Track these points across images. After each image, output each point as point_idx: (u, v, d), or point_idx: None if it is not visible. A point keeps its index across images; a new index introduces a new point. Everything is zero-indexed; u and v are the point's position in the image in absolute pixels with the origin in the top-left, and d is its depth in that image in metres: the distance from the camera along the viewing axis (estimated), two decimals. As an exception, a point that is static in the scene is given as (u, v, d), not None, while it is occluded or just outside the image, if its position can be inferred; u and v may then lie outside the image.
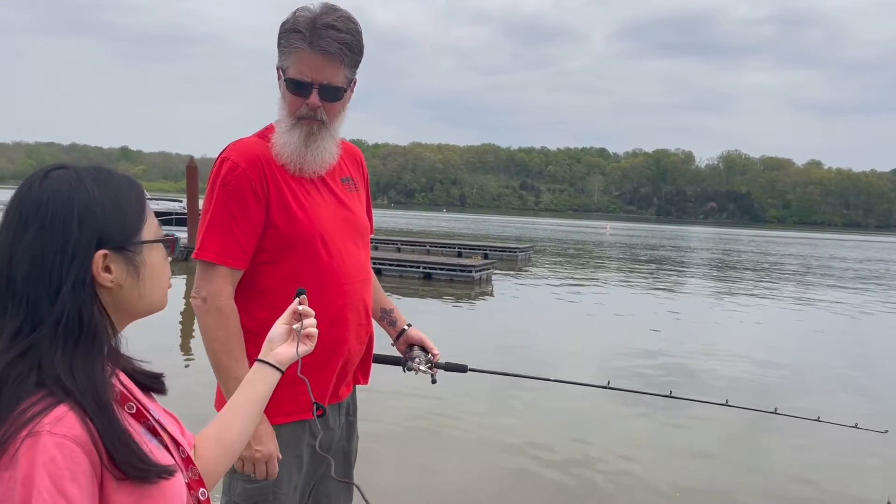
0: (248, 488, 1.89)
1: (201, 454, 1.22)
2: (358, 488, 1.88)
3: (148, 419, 1.04)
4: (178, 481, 1.02)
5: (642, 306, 15.35)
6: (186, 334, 10.37)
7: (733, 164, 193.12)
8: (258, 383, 1.28)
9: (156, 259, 1.07)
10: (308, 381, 1.81)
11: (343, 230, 1.97)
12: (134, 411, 1.02)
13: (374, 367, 2.21)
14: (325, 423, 2.00)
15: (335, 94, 1.87)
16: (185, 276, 17.41)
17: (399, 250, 24.92)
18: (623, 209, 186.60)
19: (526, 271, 22.77)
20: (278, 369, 1.30)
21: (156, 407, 1.13)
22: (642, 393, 2.81)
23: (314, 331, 1.34)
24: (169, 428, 1.10)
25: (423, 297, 15.38)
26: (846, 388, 8.84)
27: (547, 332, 11.64)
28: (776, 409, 2.59)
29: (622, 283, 20.40)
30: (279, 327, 1.33)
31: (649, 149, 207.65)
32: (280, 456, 1.84)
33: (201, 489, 1.12)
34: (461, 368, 2.23)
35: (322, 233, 1.90)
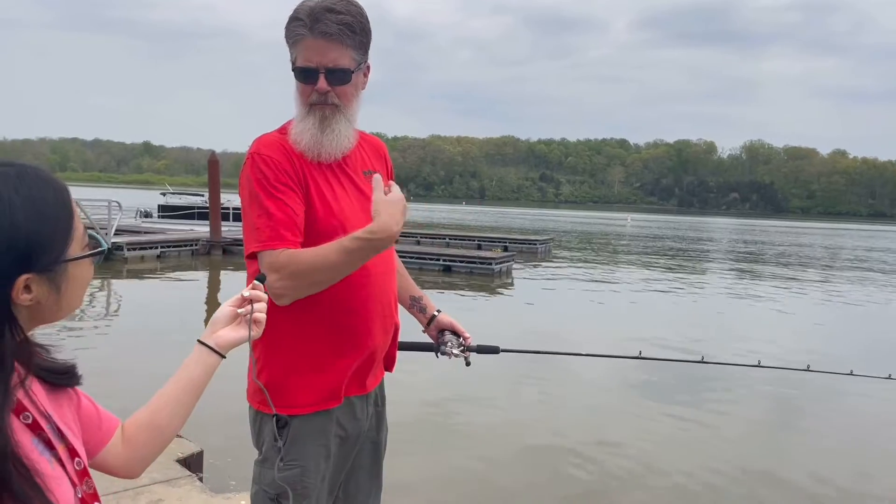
0: (276, 477, 1.90)
1: (130, 437, 1.18)
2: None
3: (44, 430, 0.99)
4: (65, 502, 0.97)
5: (664, 297, 15.24)
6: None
7: (756, 153, 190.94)
8: (194, 366, 1.22)
9: (81, 272, 1.03)
10: (266, 390, 1.82)
11: (365, 221, 1.94)
12: (30, 422, 0.98)
13: (400, 356, 2.21)
14: (353, 414, 2.00)
15: (343, 77, 1.86)
16: (207, 269, 17.62)
17: (419, 243, 24.94)
18: (644, 200, 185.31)
19: (546, 263, 22.69)
20: (218, 353, 1.24)
21: (56, 409, 1.07)
22: (674, 361, 2.80)
23: (262, 316, 1.27)
24: (67, 436, 1.04)
25: (443, 289, 15.38)
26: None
27: (568, 324, 11.59)
28: (808, 365, 2.59)
29: (644, 275, 20.25)
30: (225, 309, 1.26)
31: (670, 139, 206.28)
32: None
33: (95, 503, 1.06)
34: (493, 350, 2.25)
35: (344, 223, 1.90)
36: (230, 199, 25.47)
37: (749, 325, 12.74)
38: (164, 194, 35.87)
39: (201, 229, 22.23)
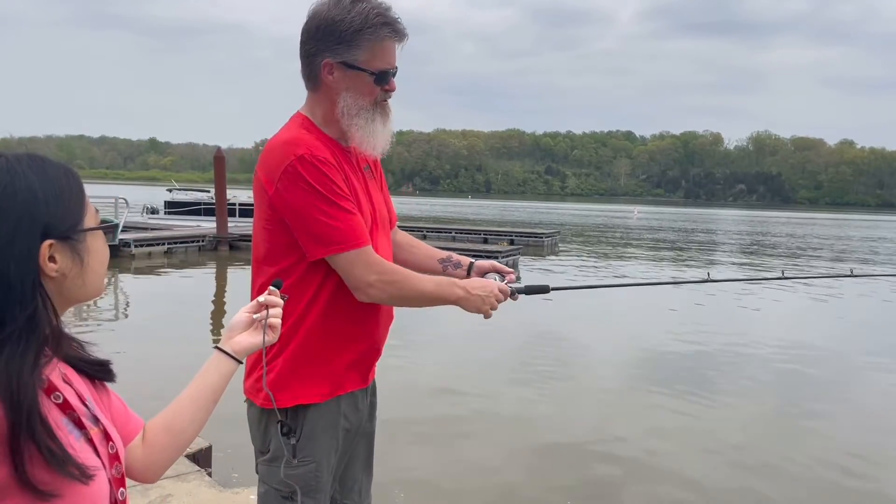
0: (290, 474, 1.90)
1: (149, 440, 1.21)
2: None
3: (75, 410, 1.03)
4: (99, 481, 1.01)
5: (672, 290, 15.19)
6: (217, 321, 10.50)
7: (763, 144, 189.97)
8: (213, 372, 1.25)
9: (98, 245, 1.08)
10: (273, 395, 1.84)
11: (374, 219, 2.02)
12: (60, 401, 1.01)
13: (398, 345, 2.21)
14: (355, 406, 2.03)
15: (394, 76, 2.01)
16: (214, 265, 17.66)
17: (425, 237, 24.93)
18: (650, 193, 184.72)
19: (552, 257, 22.66)
20: (235, 359, 1.27)
21: (95, 398, 1.12)
22: (748, 280, 2.74)
23: (277, 322, 1.30)
24: (102, 420, 1.09)
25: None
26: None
27: (576, 318, 11.57)
28: (852, 270, 2.64)
29: (651, 268, 20.20)
30: (241, 315, 1.30)
31: (677, 131, 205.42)
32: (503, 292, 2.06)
33: (121, 489, 1.10)
34: (543, 289, 2.26)
35: (364, 220, 1.94)
36: (236, 195, 25.53)
37: (759, 314, 12.70)
38: (170, 190, 35.92)
39: (208, 225, 22.26)
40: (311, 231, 1.83)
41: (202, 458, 4.24)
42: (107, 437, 1.08)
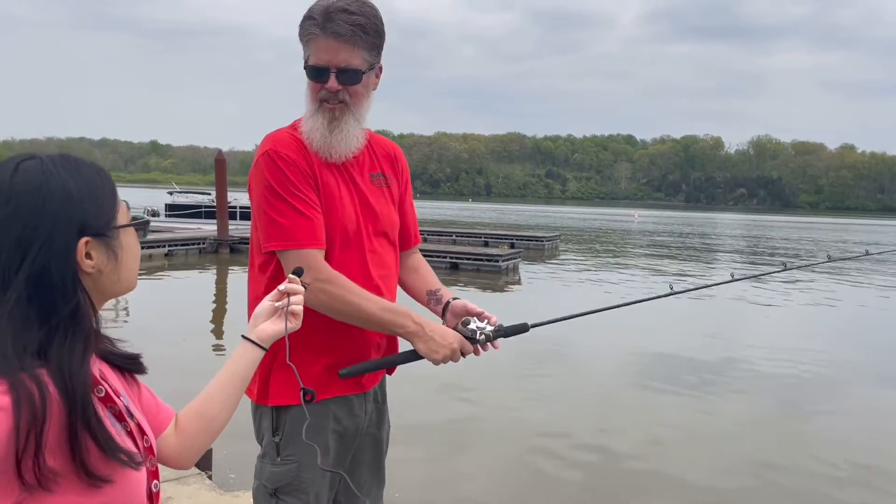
0: (274, 471, 1.92)
1: (182, 427, 1.26)
2: (343, 475, 1.94)
3: (116, 403, 1.08)
4: (141, 472, 1.06)
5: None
6: (217, 322, 10.50)
7: (763, 149, 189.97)
8: (239, 360, 1.30)
9: (130, 242, 1.12)
10: (295, 368, 1.75)
11: (364, 225, 1.98)
12: (102, 395, 1.06)
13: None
14: (350, 410, 2.01)
15: (353, 77, 1.87)
16: (214, 267, 17.67)
17: (425, 240, 24.88)
18: (651, 197, 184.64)
19: (553, 260, 22.66)
20: (261, 346, 1.31)
21: (126, 391, 1.17)
22: (706, 287, 2.62)
23: (299, 308, 1.34)
24: (136, 415, 1.13)
25: (450, 286, 15.18)
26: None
27: (577, 323, 11.56)
28: (866, 251, 2.63)
29: (651, 272, 20.19)
30: (265, 304, 1.34)
31: (677, 135, 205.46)
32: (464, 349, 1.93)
33: (154, 481, 1.14)
34: (522, 329, 2.06)
35: (345, 225, 1.92)
36: (237, 198, 25.51)
37: (757, 321, 12.69)
38: (171, 193, 35.92)
39: (209, 228, 22.29)
40: (261, 224, 1.88)
41: (202, 461, 4.23)
42: (141, 431, 1.13)
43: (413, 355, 1.92)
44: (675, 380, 7.96)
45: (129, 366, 1.19)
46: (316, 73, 1.87)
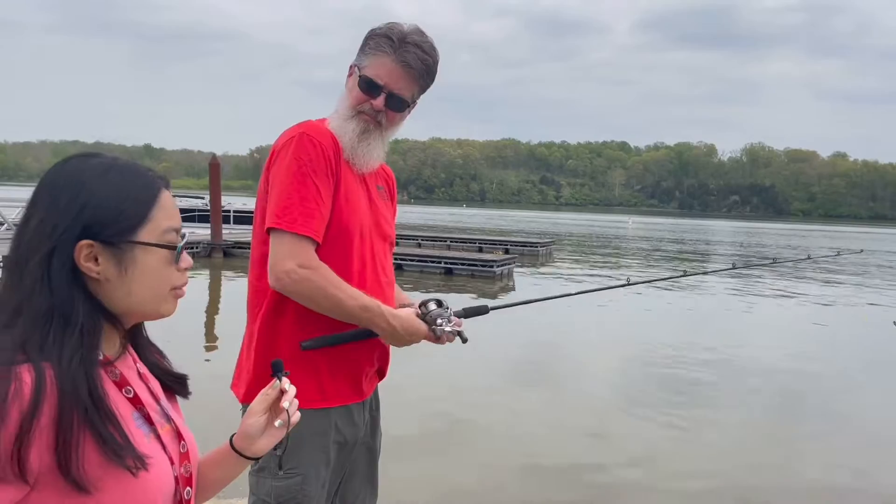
0: (276, 486, 1.88)
1: None
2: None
3: (143, 406, 1.07)
4: (157, 473, 1.03)
5: (667, 300, 15.20)
6: (209, 327, 10.44)
7: (757, 156, 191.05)
8: (233, 468, 1.24)
9: (150, 262, 1.06)
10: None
11: (375, 231, 2.01)
12: (131, 395, 1.05)
13: (394, 359, 2.18)
14: (351, 420, 2.00)
15: (400, 106, 1.95)
16: (207, 272, 17.56)
17: (420, 245, 24.91)
18: (645, 203, 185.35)
19: (548, 266, 22.66)
20: (257, 459, 1.27)
21: (170, 403, 1.17)
22: (656, 280, 2.64)
23: (298, 416, 1.25)
24: (176, 420, 1.13)
25: (444, 292, 15.33)
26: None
27: (569, 328, 11.55)
28: (774, 259, 2.54)
29: (646, 277, 20.18)
30: (259, 420, 1.21)
31: (671, 142, 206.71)
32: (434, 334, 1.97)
33: (187, 488, 1.11)
34: (483, 310, 2.16)
35: (362, 227, 1.94)
36: (231, 202, 25.45)
37: (749, 328, 12.71)
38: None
39: (202, 232, 22.20)
40: (274, 199, 1.85)
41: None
42: (178, 435, 1.12)
43: (373, 335, 1.94)
44: (670, 386, 7.94)
45: (172, 385, 1.18)
46: (369, 87, 1.91)
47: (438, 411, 6.67)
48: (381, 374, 2.15)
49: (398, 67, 1.89)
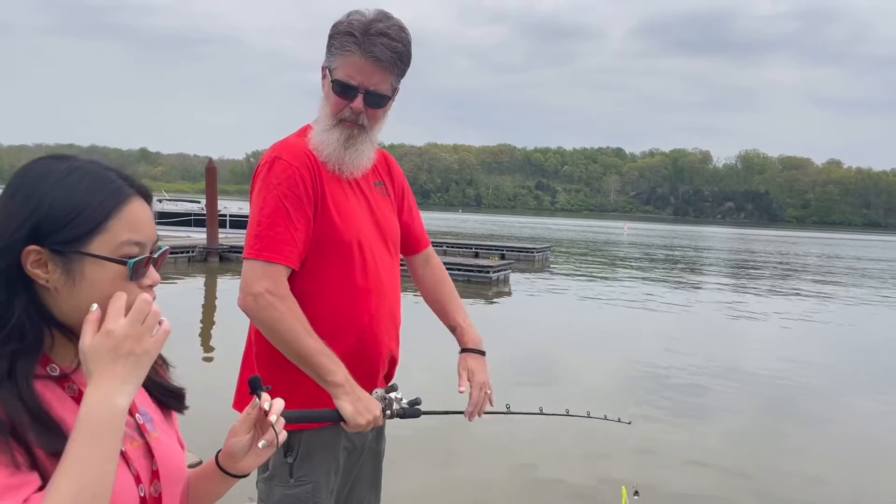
0: (287, 494, 1.87)
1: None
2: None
3: None
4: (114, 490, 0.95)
5: (662, 307, 15.21)
6: (206, 329, 10.40)
7: (751, 163, 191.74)
8: (221, 484, 1.22)
9: (101, 276, 0.98)
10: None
11: (376, 236, 1.97)
12: (75, 394, 1.00)
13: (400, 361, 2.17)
14: None
15: (380, 102, 1.87)
16: (203, 276, 17.53)
17: (415, 251, 24.87)
18: (640, 209, 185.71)
19: (544, 271, 22.67)
20: (245, 476, 1.23)
21: (156, 416, 1.12)
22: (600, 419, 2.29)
23: (284, 435, 1.17)
24: (157, 436, 1.08)
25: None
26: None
27: (564, 337, 11.56)
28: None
29: (642, 284, 20.22)
30: (241, 441, 1.16)
31: (666, 148, 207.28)
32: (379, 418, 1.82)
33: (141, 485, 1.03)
34: (414, 414, 1.97)
35: (359, 238, 1.90)
36: (227, 206, 25.40)
37: (743, 340, 12.72)
38: (160, 200, 35.71)
39: (198, 236, 22.14)
40: (248, 228, 1.86)
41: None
42: (151, 452, 1.06)
43: (336, 416, 1.76)
44: (668, 393, 7.94)
45: (166, 399, 1.13)
46: (343, 89, 1.84)
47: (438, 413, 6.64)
48: (388, 378, 2.13)
49: (368, 63, 1.79)
